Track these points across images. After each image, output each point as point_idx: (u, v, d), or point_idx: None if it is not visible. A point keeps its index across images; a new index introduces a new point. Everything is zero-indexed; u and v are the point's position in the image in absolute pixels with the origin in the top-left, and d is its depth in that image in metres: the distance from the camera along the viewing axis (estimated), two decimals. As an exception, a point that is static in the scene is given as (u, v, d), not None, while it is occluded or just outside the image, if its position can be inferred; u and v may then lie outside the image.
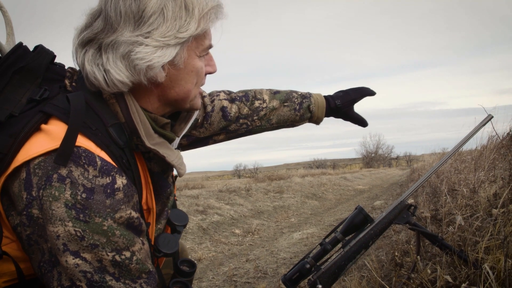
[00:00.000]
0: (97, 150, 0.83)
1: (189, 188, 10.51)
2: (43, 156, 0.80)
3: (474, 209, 2.04)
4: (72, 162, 0.79)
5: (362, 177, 19.21)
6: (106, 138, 0.86)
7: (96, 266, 0.78)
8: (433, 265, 1.65)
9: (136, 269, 0.82)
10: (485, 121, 1.58)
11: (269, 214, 7.60)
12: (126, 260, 0.81)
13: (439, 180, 3.81)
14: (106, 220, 0.79)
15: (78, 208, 0.77)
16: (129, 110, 0.90)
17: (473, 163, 3.46)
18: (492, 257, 1.39)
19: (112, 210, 0.80)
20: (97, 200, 0.78)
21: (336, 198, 10.69)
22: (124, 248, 0.81)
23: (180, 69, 0.93)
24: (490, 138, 3.81)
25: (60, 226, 0.76)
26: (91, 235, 0.77)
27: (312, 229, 5.86)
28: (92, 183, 0.79)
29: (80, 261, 0.77)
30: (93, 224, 0.77)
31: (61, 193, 0.77)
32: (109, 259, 0.79)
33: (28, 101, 0.89)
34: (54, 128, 0.84)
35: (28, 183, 0.79)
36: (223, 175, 54.99)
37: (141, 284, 0.83)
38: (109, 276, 0.79)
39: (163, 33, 0.87)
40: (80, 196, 0.77)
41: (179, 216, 1.11)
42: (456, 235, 1.76)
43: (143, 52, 0.85)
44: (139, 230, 0.86)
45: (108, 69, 0.86)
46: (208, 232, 5.57)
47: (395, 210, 1.42)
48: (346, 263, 1.35)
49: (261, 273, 3.67)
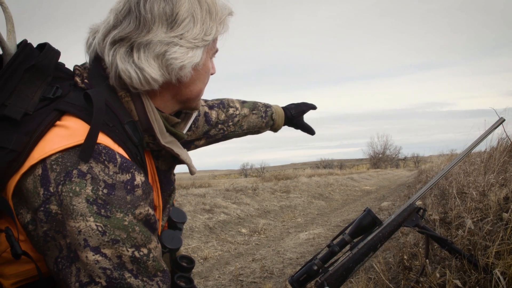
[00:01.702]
0: (115, 146, 0.84)
1: (196, 187, 10.54)
2: (61, 153, 0.80)
3: (484, 213, 2.01)
4: (92, 158, 0.80)
5: (369, 177, 19.12)
6: (123, 135, 0.88)
7: (116, 262, 0.78)
8: (442, 269, 1.64)
9: (152, 267, 0.83)
10: (497, 124, 1.56)
11: (276, 213, 7.59)
12: (144, 257, 0.81)
13: (448, 182, 3.77)
14: (127, 215, 0.80)
15: (100, 203, 0.78)
16: (145, 109, 0.93)
17: (482, 166, 3.42)
18: (503, 262, 1.37)
19: (133, 206, 0.81)
20: (118, 196, 0.79)
21: (343, 199, 10.65)
22: (142, 245, 0.82)
23: (199, 69, 0.99)
24: (500, 140, 3.77)
25: (81, 221, 0.77)
26: (112, 230, 0.78)
27: (318, 229, 5.84)
28: (113, 179, 0.80)
29: (100, 258, 0.77)
30: (114, 219, 0.78)
31: (82, 188, 0.77)
32: (128, 255, 0.79)
33: (41, 99, 0.89)
34: (71, 124, 0.85)
35: (45, 179, 0.79)
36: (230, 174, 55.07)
37: (158, 282, 0.83)
38: (128, 273, 0.79)
39: (193, 35, 0.93)
40: (101, 191, 0.78)
41: (179, 214, 1.13)
42: (466, 239, 1.74)
43: (178, 52, 0.91)
44: (154, 228, 0.87)
45: (143, 67, 0.90)
46: (214, 231, 5.58)
47: (404, 212, 1.41)
48: (354, 266, 1.34)
49: (267, 273, 3.66)
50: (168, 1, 0.91)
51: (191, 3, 0.93)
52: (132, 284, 0.79)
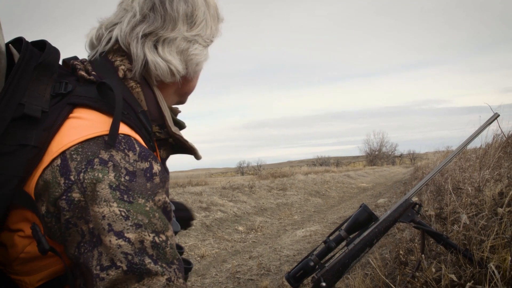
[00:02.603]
0: (132, 133, 0.88)
1: (192, 185, 10.53)
2: (80, 144, 0.83)
3: (479, 208, 2.03)
4: (112, 147, 0.83)
5: (366, 175, 19.19)
6: (138, 123, 0.93)
7: (138, 247, 0.80)
8: (438, 263, 1.65)
9: (170, 254, 0.85)
10: (492, 120, 1.57)
11: (272, 211, 7.60)
12: (163, 243, 0.83)
13: (444, 178, 3.79)
14: (148, 201, 0.83)
15: (122, 189, 0.80)
16: (156, 99, 1.01)
17: (478, 162, 3.44)
18: (497, 256, 1.38)
19: (152, 193, 0.84)
20: (139, 182, 0.83)
21: (339, 196, 10.68)
22: (161, 231, 0.84)
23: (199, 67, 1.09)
24: (495, 136, 3.79)
25: (105, 207, 0.79)
26: (135, 215, 0.80)
27: (315, 226, 5.86)
28: (133, 167, 0.83)
29: (123, 242, 0.79)
30: (136, 205, 0.81)
31: (105, 175, 0.80)
32: (150, 240, 0.81)
33: (52, 96, 0.91)
34: (87, 116, 0.87)
35: (65, 168, 0.81)
36: (226, 172, 55.07)
37: (175, 269, 0.85)
38: (148, 258, 0.81)
39: (206, 36, 1.05)
40: (123, 178, 0.81)
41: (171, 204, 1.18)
42: (461, 233, 1.75)
43: (198, 49, 1.03)
44: (170, 216, 0.90)
45: (170, 60, 0.99)
46: (211, 229, 5.58)
47: (400, 208, 1.42)
48: (350, 261, 1.34)
49: (264, 270, 3.67)
50: (189, 3, 1.02)
51: (205, 7, 1.05)
52: (151, 269, 0.80)
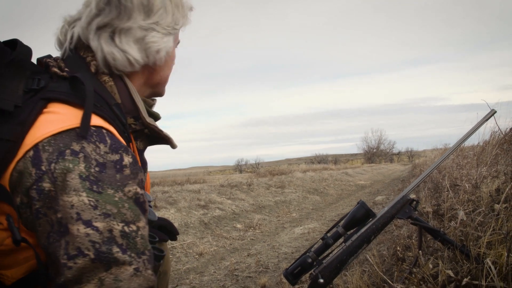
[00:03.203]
0: (106, 125, 0.90)
1: (190, 183, 10.52)
2: (53, 136, 0.85)
3: (476, 204, 2.03)
4: (84, 139, 0.85)
5: (364, 172, 19.21)
6: (111, 114, 0.95)
7: (106, 236, 0.81)
8: (435, 259, 1.65)
9: (141, 244, 0.86)
10: (488, 116, 1.58)
11: (271, 209, 7.61)
12: (133, 233, 0.85)
13: (441, 175, 3.80)
14: (117, 192, 0.84)
15: (92, 180, 0.82)
16: (129, 91, 1.03)
17: (475, 159, 3.45)
18: (494, 252, 1.39)
19: (122, 184, 0.86)
20: (109, 174, 0.84)
21: (337, 193, 10.69)
22: (132, 222, 0.85)
23: (168, 56, 1.11)
24: (492, 133, 3.80)
25: (74, 196, 0.80)
26: (103, 205, 0.82)
27: (313, 224, 5.87)
28: (104, 159, 0.85)
29: (91, 231, 0.80)
30: (105, 195, 0.83)
31: (75, 165, 0.82)
32: (119, 229, 0.83)
33: (25, 91, 0.93)
34: (60, 110, 0.89)
35: (36, 159, 0.83)
36: (224, 170, 55.01)
37: (144, 260, 0.86)
38: (116, 247, 0.82)
39: (166, 23, 1.06)
40: (93, 169, 0.83)
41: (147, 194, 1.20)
42: (458, 230, 1.76)
43: (156, 37, 1.04)
44: (144, 208, 0.91)
45: (126, 49, 1.01)
46: (209, 227, 5.59)
47: (397, 204, 1.42)
48: (348, 258, 1.35)
49: (263, 267, 3.68)
50: None
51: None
52: (119, 258, 0.81)
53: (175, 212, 5.78)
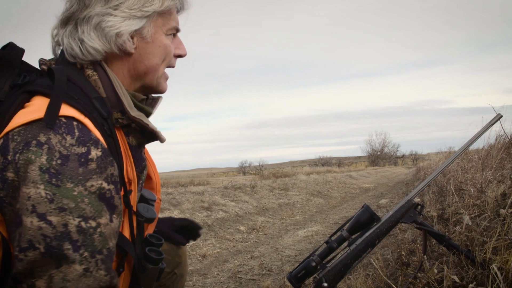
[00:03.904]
0: (80, 117, 0.89)
1: (194, 185, 10.53)
2: (24, 126, 0.85)
3: (482, 209, 2.02)
4: (51, 130, 0.84)
5: (368, 175, 19.15)
6: (89, 107, 0.94)
7: (60, 230, 0.81)
8: (440, 264, 1.64)
9: (99, 241, 0.85)
10: (494, 121, 1.57)
11: (274, 211, 7.60)
12: (91, 229, 0.84)
13: (446, 179, 3.78)
14: (77, 186, 0.83)
15: (52, 172, 0.82)
16: (112, 84, 1.01)
17: (480, 163, 3.43)
18: (500, 257, 1.38)
19: (84, 178, 0.84)
20: (70, 167, 0.83)
21: (341, 196, 10.66)
22: (91, 217, 0.84)
23: (148, 42, 1.05)
24: (498, 137, 3.78)
25: (32, 188, 0.80)
26: (60, 199, 0.81)
27: (317, 226, 5.85)
28: (68, 151, 0.84)
29: (44, 225, 0.80)
30: (64, 189, 0.82)
31: (37, 157, 0.82)
32: (75, 224, 0.82)
33: (11, 87, 0.95)
34: (37, 102, 0.90)
35: (4, 148, 0.83)
36: (228, 171, 55.09)
37: (97, 261, 0.85)
38: (68, 244, 0.81)
39: (129, 6, 1.00)
40: (55, 161, 0.82)
41: (149, 193, 1.19)
42: (463, 235, 1.74)
43: (112, 21, 0.99)
44: (112, 204, 0.89)
45: (82, 38, 0.99)
46: (213, 229, 5.59)
47: (402, 209, 1.42)
48: (352, 262, 1.34)
49: (266, 270, 3.67)
50: None
51: None
52: (68, 256, 0.81)
53: (178, 214, 5.78)
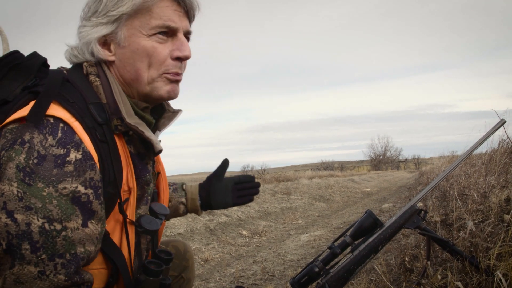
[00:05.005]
0: (70, 120, 0.91)
1: (196, 189, 10.49)
2: (18, 123, 0.88)
3: (485, 215, 2.01)
4: (37, 129, 0.86)
5: (370, 179, 19.10)
6: (82, 111, 0.96)
7: (23, 229, 0.82)
8: (444, 270, 1.63)
9: (61, 245, 0.85)
10: (498, 126, 1.57)
11: (277, 215, 7.59)
12: (54, 232, 0.84)
13: (449, 184, 3.77)
14: (48, 187, 0.84)
15: (27, 171, 0.83)
16: (111, 90, 1.02)
17: (483, 167, 3.41)
18: (504, 264, 1.37)
19: (57, 180, 0.85)
20: (45, 167, 0.84)
21: (343, 201, 10.64)
22: (57, 220, 0.84)
23: (124, 47, 1.04)
24: (501, 141, 3.76)
25: (7, 185, 0.82)
26: (29, 198, 0.82)
27: (319, 231, 5.84)
28: (46, 151, 0.85)
29: (10, 222, 0.81)
30: (34, 188, 0.83)
31: (17, 155, 0.84)
32: (38, 225, 0.82)
33: (22, 90, 0.99)
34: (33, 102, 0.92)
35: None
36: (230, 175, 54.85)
37: (56, 265, 0.84)
38: (27, 244, 0.82)
39: (96, 14, 1.04)
40: (32, 161, 0.84)
41: (160, 207, 1.19)
42: (467, 240, 1.74)
43: (83, 31, 1.05)
44: (88, 208, 0.89)
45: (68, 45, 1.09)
46: (215, 233, 5.58)
47: (405, 214, 1.41)
48: (355, 267, 1.34)
49: (268, 275, 3.66)
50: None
51: None
52: (25, 257, 0.82)
53: (180, 218, 5.78)
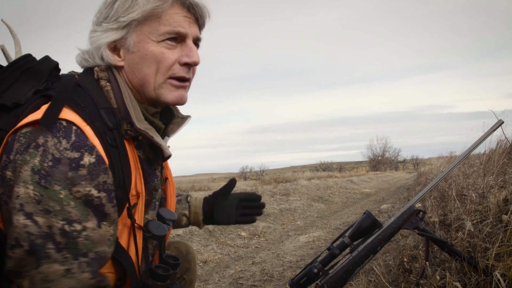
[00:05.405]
0: (82, 124, 0.91)
1: (195, 190, 10.52)
2: (31, 127, 0.88)
3: (484, 215, 2.01)
4: (51, 133, 0.87)
5: (369, 180, 19.11)
6: (93, 116, 0.96)
7: (45, 231, 0.83)
8: (442, 271, 1.64)
9: (83, 245, 0.86)
10: (496, 126, 1.57)
11: (275, 216, 7.58)
12: (75, 232, 0.85)
13: (447, 184, 3.77)
14: (64, 190, 0.85)
15: (42, 174, 0.84)
16: (122, 95, 1.03)
17: (481, 168, 3.42)
18: (503, 264, 1.37)
19: (71, 183, 0.86)
20: (60, 170, 0.85)
21: (342, 201, 10.64)
22: (76, 221, 0.86)
23: (133, 52, 1.04)
24: (499, 142, 3.77)
25: (22, 187, 0.83)
26: (47, 201, 0.83)
27: (318, 232, 5.84)
28: (60, 154, 0.86)
29: (30, 223, 0.82)
30: (51, 191, 0.84)
31: (32, 158, 0.85)
32: (58, 227, 0.84)
33: (33, 93, 1.01)
34: (46, 105, 0.93)
35: (9, 147, 0.87)
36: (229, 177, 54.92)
37: (81, 263, 0.86)
38: (52, 244, 0.83)
39: (107, 19, 1.04)
40: (46, 163, 0.85)
41: (168, 213, 1.19)
42: (466, 241, 1.74)
43: (94, 36, 1.05)
44: (100, 211, 0.90)
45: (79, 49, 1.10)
46: (214, 234, 5.57)
47: (403, 215, 1.41)
48: (354, 268, 1.34)
49: (267, 276, 3.66)
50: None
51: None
52: (51, 256, 0.83)
53: (179, 219, 5.77)
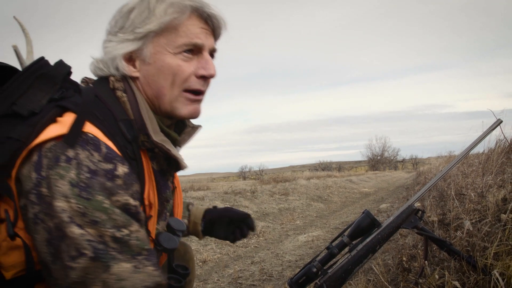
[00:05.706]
0: (104, 138, 0.91)
1: (194, 190, 10.52)
2: (55, 141, 0.88)
3: (483, 214, 2.02)
4: (79, 146, 0.87)
5: (368, 179, 19.14)
6: (113, 129, 0.96)
7: (99, 240, 0.84)
8: (441, 270, 1.64)
9: (135, 245, 0.88)
10: (494, 126, 1.57)
11: (275, 216, 7.59)
12: (126, 236, 0.87)
13: (446, 183, 3.78)
14: (106, 199, 0.86)
15: (82, 186, 0.84)
16: (139, 107, 1.02)
17: (480, 167, 3.43)
18: (501, 263, 1.38)
19: (110, 193, 0.87)
20: (99, 181, 0.86)
21: (341, 201, 10.65)
22: (123, 226, 0.87)
23: (149, 64, 1.04)
24: (498, 141, 3.77)
25: (64, 202, 0.83)
26: (92, 212, 0.84)
27: (317, 231, 5.84)
28: (96, 166, 0.87)
29: (85, 232, 0.83)
30: (94, 202, 0.84)
31: (67, 172, 0.84)
32: (109, 235, 0.84)
33: (48, 101, 0.99)
34: (67, 118, 0.93)
35: (38, 164, 0.86)
36: (228, 176, 55.05)
37: (141, 260, 0.87)
38: (111, 250, 0.84)
39: (123, 30, 1.04)
40: (84, 175, 0.85)
41: (178, 223, 1.18)
42: (464, 240, 1.74)
43: (109, 46, 1.05)
44: (136, 218, 0.92)
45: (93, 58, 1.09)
46: (213, 234, 5.57)
47: (402, 214, 1.42)
48: (353, 267, 1.34)
49: (267, 275, 3.66)
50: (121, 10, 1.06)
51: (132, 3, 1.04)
52: (115, 256, 0.84)
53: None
